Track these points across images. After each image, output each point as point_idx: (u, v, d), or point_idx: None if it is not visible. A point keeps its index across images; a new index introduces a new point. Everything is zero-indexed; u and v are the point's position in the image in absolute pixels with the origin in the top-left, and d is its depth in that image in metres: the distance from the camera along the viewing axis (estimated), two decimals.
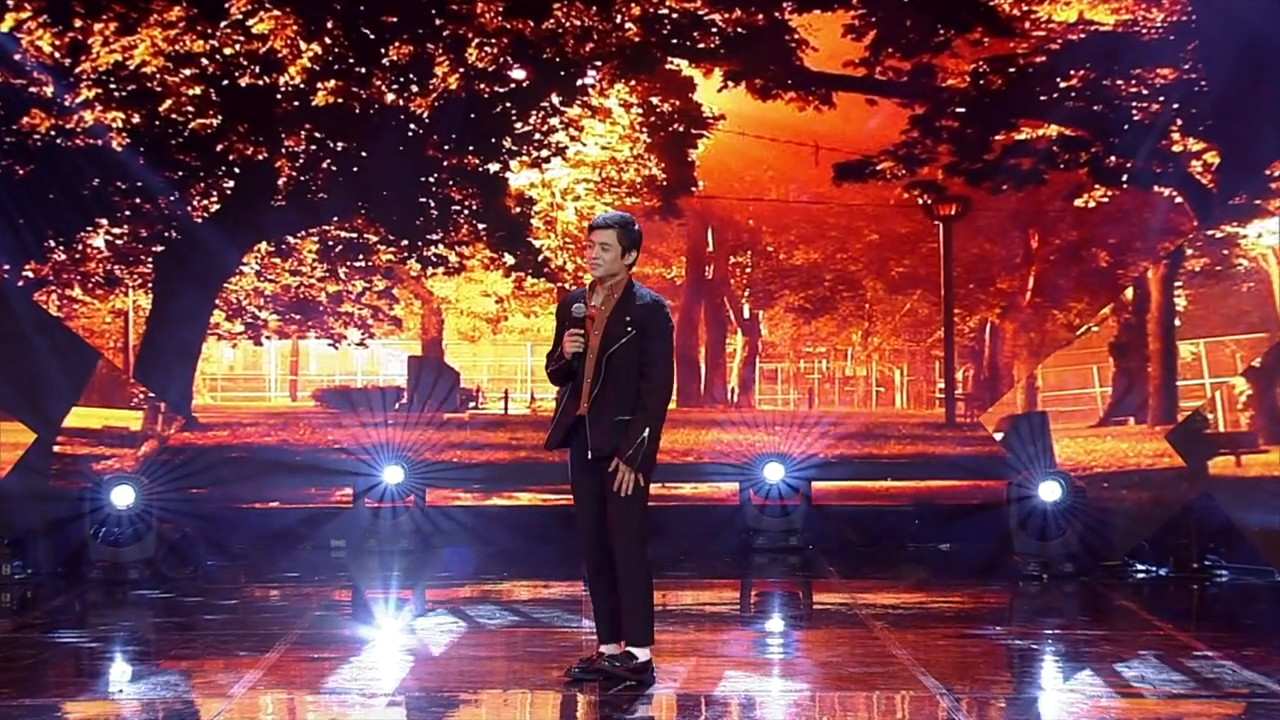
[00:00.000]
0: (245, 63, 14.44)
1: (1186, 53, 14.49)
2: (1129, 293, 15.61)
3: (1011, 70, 14.90)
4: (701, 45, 15.11)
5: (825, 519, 13.25)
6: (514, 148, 15.08)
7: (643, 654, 7.46)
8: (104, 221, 14.74)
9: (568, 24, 14.87)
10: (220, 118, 14.53)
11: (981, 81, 14.96)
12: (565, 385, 7.49)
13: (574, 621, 9.47)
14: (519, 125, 15.06)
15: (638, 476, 7.32)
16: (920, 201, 15.47)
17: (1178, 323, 15.40)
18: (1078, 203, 15.31)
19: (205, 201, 14.87)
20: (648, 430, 7.34)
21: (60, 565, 11.72)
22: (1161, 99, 14.58)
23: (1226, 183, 14.66)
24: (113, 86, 14.31)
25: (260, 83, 14.50)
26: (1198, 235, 15.23)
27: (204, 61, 14.38)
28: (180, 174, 14.61)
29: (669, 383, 7.45)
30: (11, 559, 11.54)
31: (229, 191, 14.87)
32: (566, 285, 15.46)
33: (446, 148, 15.01)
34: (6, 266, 14.22)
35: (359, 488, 12.89)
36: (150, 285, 14.97)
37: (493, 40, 14.75)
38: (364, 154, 14.88)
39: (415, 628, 9.65)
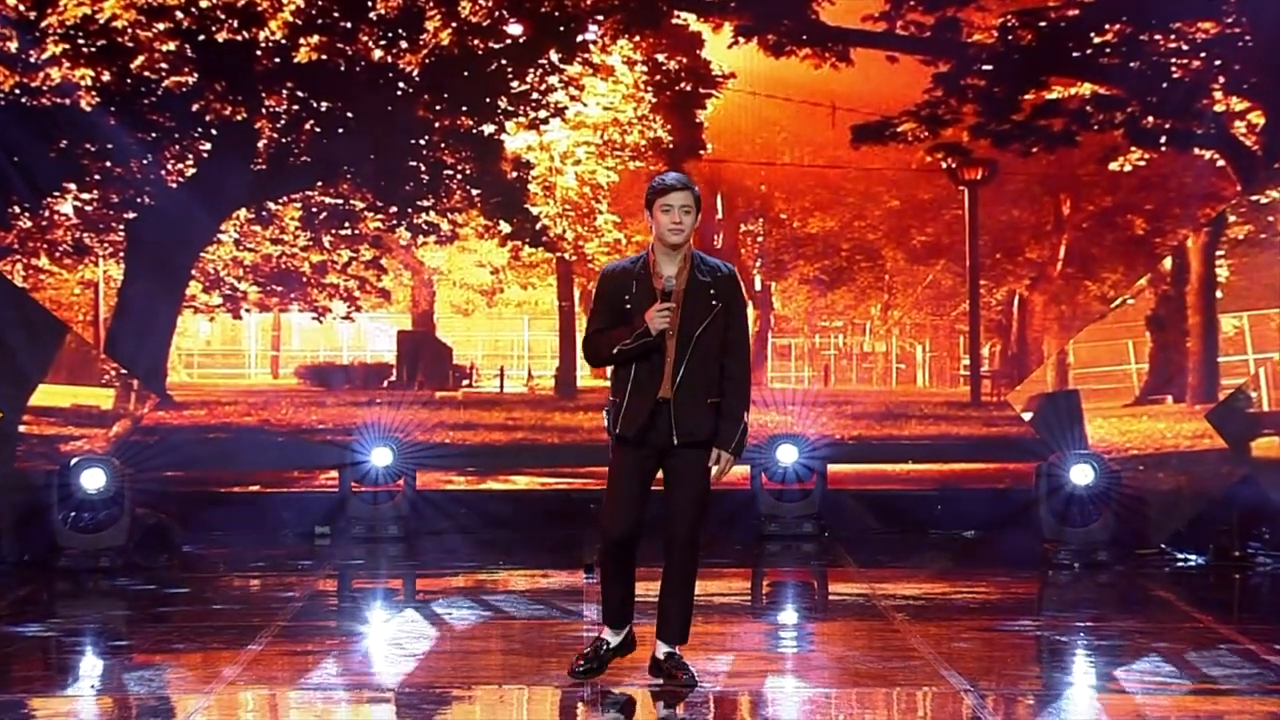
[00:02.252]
0: (223, 16, 14.40)
1: (1229, 5, 14.45)
2: (1167, 262, 15.57)
3: (1042, 24, 14.85)
4: None
5: (842, 504, 13.25)
6: (510, 108, 15.05)
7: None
8: (72, 186, 14.72)
9: None
10: (196, 75, 14.49)
11: (1010, 37, 14.91)
12: (625, 366, 7.27)
13: (574, 613, 9.47)
14: (515, 84, 15.02)
15: None
16: (944, 165, 15.44)
17: (1219, 294, 15.38)
18: (1112, 166, 15.27)
19: (180, 165, 14.84)
20: (747, 416, 7.31)
21: (27, 553, 11.72)
22: (1203, 55, 14.53)
23: (1272, 144, 14.62)
24: (81, 41, 14.27)
25: (239, 38, 14.46)
26: (1241, 201, 15.20)
27: (178, 15, 14.34)
28: (153, 135, 14.58)
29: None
30: None
31: (205, 154, 14.84)
32: (566, 255, 15.45)
33: (438, 108, 14.98)
34: None
35: (345, 470, 12.89)
36: (122, 254, 14.97)
37: None
38: (350, 115, 14.84)
39: (405, 619, 9.66)
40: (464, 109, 14.98)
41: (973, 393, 15.93)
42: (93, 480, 11.58)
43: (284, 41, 14.51)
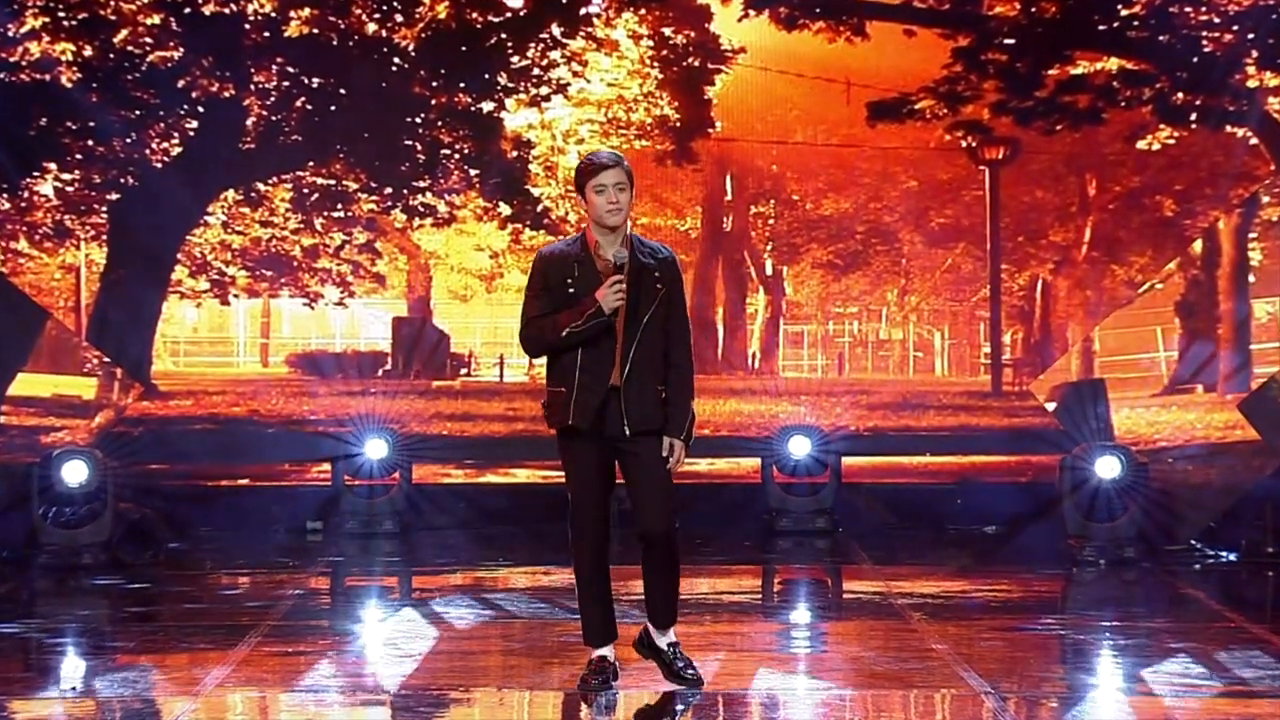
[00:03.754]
0: None
1: None
2: (1197, 245, 15.55)
3: None
4: None
5: (857, 498, 13.25)
6: (510, 84, 15.03)
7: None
8: (52, 166, 14.72)
9: None
10: (182, 50, 14.48)
11: (1033, 9, 14.88)
12: (569, 353, 7.26)
13: (577, 612, 9.46)
14: (516, 59, 15.01)
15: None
16: (964, 144, 15.42)
17: (1251, 279, 15.36)
18: (1140, 145, 15.25)
19: (165, 144, 14.84)
20: (693, 405, 7.31)
21: (6, 549, 11.73)
22: (1235, 28, 14.50)
23: None
24: (61, 14, 14.26)
25: (226, 11, 14.45)
26: (1275, 180, 15.17)
27: None
28: (137, 113, 14.58)
29: None
30: None
31: (192, 133, 14.84)
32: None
33: (435, 84, 14.96)
34: None
35: (338, 463, 12.90)
36: (104, 237, 14.96)
37: None
38: (342, 91, 14.83)
39: (401, 618, 9.66)
40: (462, 85, 14.97)
41: (994, 382, 15.91)
42: (74, 473, 11.58)
43: (274, 14, 14.50)
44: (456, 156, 15.14)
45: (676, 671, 7.40)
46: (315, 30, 14.56)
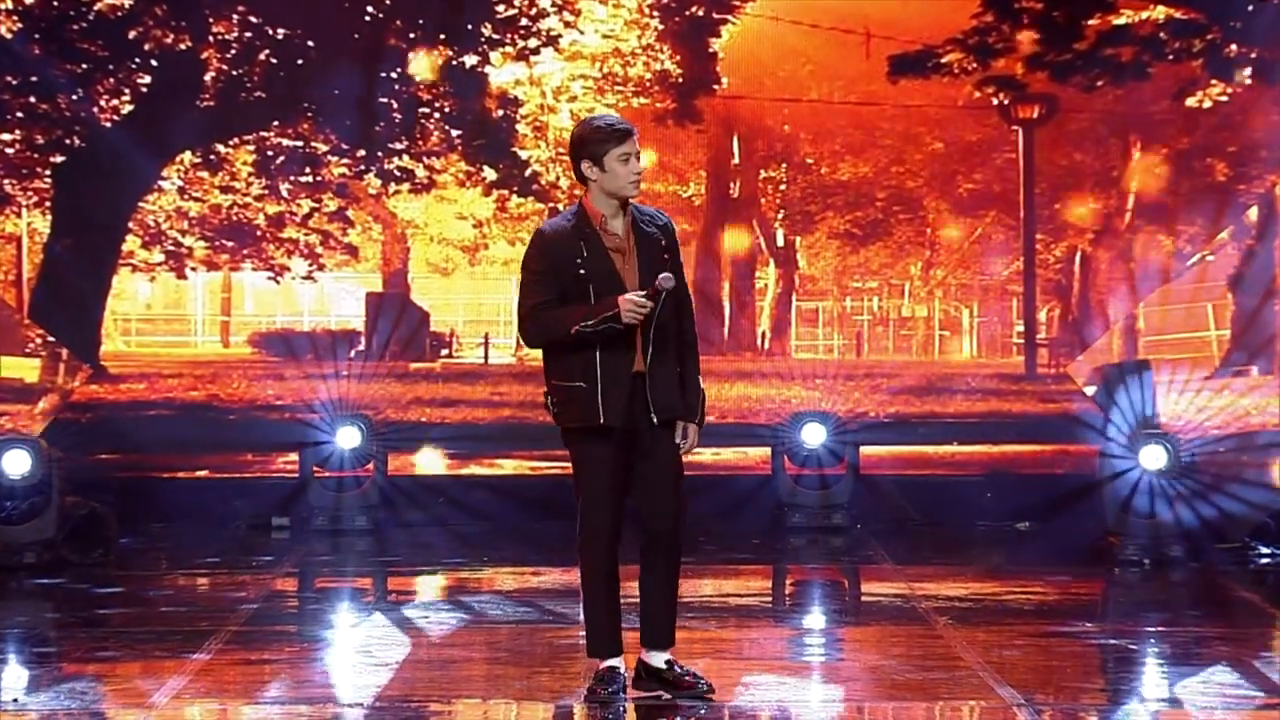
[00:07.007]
0: None
1: None
2: (1252, 213, 15.56)
3: None
4: None
5: (876, 491, 13.27)
6: (495, 36, 15.04)
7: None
8: None
9: None
10: None
11: None
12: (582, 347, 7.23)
13: (568, 616, 9.49)
14: (501, 8, 15.02)
15: None
16: (995, 102, 15.42)
17: None
18: (1189, 102, 15.25)
19: (115, 101, 14.83)
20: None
21: None
22: None
23: None
24: None
25: None
26: None
27: None
28: (85, 67, 14.57)
29: None
30: None
31: (144, 89, 14.83)
32: (560, 206, 15.43)
33: (412, 36, 14.96)
34: None
35: (306, 453, 12.91)
36: (48, 204, 14.96)
37: None
38: (310, 43, 14.83)
39: (375, 623, 9.68)
40: (442, 37, 14.97)
41: (1027, 364, 15.93)
42: (16, 464, 11.59)
43: None
44: (436, 116, 15.14)
45: (684, 684, 7.40)
46: None
